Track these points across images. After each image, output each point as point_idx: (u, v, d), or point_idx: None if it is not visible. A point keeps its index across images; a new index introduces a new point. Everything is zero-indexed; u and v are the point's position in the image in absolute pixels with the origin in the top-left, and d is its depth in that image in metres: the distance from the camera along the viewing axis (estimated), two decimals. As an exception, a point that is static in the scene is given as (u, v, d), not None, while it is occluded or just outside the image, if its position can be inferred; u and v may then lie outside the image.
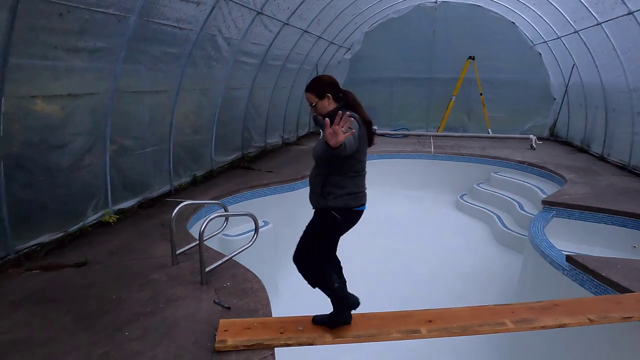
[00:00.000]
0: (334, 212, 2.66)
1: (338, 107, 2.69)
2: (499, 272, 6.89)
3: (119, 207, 5.31)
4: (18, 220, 4.00)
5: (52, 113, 4.27)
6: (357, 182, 2.70)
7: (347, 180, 2.65)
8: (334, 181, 2.64)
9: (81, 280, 3.76)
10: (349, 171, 2.64)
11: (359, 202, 2.72)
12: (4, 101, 3.60)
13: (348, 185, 2.65)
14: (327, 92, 2.69)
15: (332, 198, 2.65)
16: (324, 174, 2.68)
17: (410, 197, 9.86)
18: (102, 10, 4.13)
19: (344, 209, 2.67)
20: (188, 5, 5.27)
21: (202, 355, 2.72)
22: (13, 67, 3.59)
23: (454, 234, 8.28)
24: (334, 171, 2.64)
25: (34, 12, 3.52)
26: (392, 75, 13.36)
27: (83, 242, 4.59)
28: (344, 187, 2.64)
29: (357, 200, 2.71)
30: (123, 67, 4.80)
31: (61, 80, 4.22)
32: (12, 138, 3.84)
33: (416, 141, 11.99)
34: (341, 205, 2.66)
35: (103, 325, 3.05)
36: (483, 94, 12.38)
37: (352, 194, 2.67)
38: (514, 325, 2.92)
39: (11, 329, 3.03)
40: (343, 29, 11.19)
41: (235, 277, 3.81)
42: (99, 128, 4.82)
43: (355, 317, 3.13)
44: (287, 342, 2.81)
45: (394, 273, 6.74)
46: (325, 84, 2.71)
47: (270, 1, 6.89)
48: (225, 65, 6.99)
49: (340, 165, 2.61)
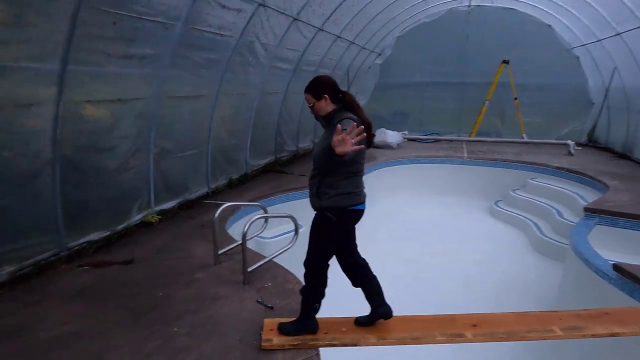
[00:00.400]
0: (328, 212, 2.68)
1: (337, 108, 2.71)
2: (536, 280, 6.72)
3: (161, 208, 5.49)
4: (70, 219, 4.19)
5: (102, 117, 4.47)
6: (353, 182, 2.70)
7: (343, 181, 2.66)
8: (329, 182, 2.66)
9: (129, 277, 3.92)
10: (346, 172, 2.65)
11: (354, 201, 2.71)
12: (61, 106, 3.80)
13: (343, 185, 2.65)
14: (324, 93, 2.69)
15: (325, 198, 2.67)
16: (321, 175, 2.71)
17: (443, 203, 9.74)
18: (151, 18, 4.31)
19: (338, 208, 2.67)
20: (229, 13, 5.42)
21: (249, 352, 2.79)
22: (69, 74, 3.78)
23: (489, 240, 8.13)
24: (330, 172, 2.66)
25: (91, 21, 3.71)
26: (423, 79, 13.26)
27: (128, 240, 4.77)
28: (338, 187, 2.65)
29: (351, 200, 2.69)
30: (168, 72, 4.98)
31: (111, 86, 4.41)
32: (66, 141, 4.03)
33: (448, 146, 11.85)
34: (333, 204, 2.66)
35: (152, 321, 3.17)
36: (518, 99, 12.12)
37: (345, 194, 2.66)
38: (563, 333, 2.86)
39: (67, 321, 3.18)
40: (375, 34, 11.22)
41: (275, 277, 3.88)
42: (144, 132, 5.01)
43: (396, 320, 3.14)
44: (332, 343, 2.85)
45: (428, 278, 6.67)
46: (321, 85, 2.72)
47: (306, 7, 7.00)
48: (261, 70, 7.13)
49: (337, 167, 2.62)
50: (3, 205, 3.55)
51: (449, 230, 8.58)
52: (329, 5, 7.63)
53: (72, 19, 3.53)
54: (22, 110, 3.55)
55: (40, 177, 3.83)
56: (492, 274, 6.91)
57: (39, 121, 3.71)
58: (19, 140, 3.59)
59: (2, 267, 3.63)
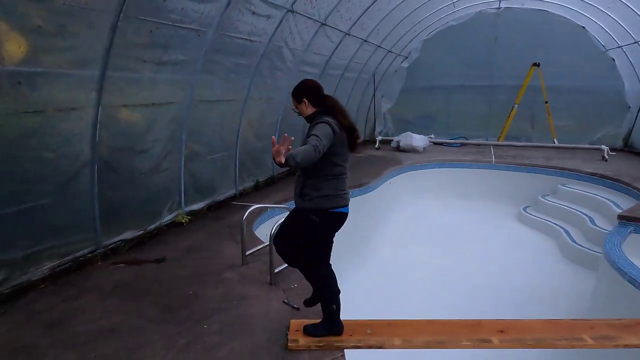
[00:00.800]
0: (311, 214, 2.74)
1: (317, 111, 2.77)
2: (566, 288, 6.53)
3: (190, 209, 5.65)
4: (106, 218, 4.38)
5: (137, 121, 4.66)
6: (334, 184, 2.74)
7: (324, 183, 2.71)
8: (311, 183, 2.72)
9: (161, 275, 4.06)
10: (326, 174, 2.70)
11: (335, 203, 2.75)
12: (100, 110, 3.99)
13: (324, 187, 2.71)
14: (304, 97, 2.77)
15: (308, 199, 2.73)
16: (304, 176, 2.77)
17: (469, 208, 9.59)
18: (185, 26, 4.48)
19: (319, 210, 2.73)
20: (259, 19, 5.55)
21: (276, 351, 2.85)
22: (108, 79, 3.97)
23: (517, 247, 7.96)
24: (312, 174, 2.72)
25: (129, 30, 3.90)
26: (450, 83, 13.10)
27: (160, 240, 4.94)
28: (320, 189, 2.70)
29: (332, 202, 2.73)
30: (199, 77, 5.14)
31: (146, 91, 4.60)
32: (104, 143, 4.23)
33: (475, 150, 11.67)
34: (315, 206, 2.72)
35: (184, 318, 3.29)
36: (548, 102, 11.83)
37: (326, 196, 2.71)
38: (594, 342, 2.80)
39: (103, 316, 3.34)
40: (402, 37, 11.20)
41: (301, 279, 3.90)
42: (176, 135, 5.18)
43: (422, 323, 3.15)
44: (357, 345, 2.88)
45: (454, 283, 6.60)
46: (302, 89, 2.80)
47: (334, 12, 7.08)
48: (288, 75, 7.25)
49: (318, 169, 2.66)
50: (46, 204, 3.75)
51: (476, 235, 8.45)
52: (355, 10, 7.68)
53: (112, 28, 3.72)
54: (65, 114, 3.75)
55: (80, 177, 4.04)
56: (520, 281, 6.77)
57: (79, 124, 3.90)
58: (61, 142, 3.79)
59: (44, 262, 3.84)
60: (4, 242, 3.49)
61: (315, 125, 2.63)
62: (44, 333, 3.09)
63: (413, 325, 3.10)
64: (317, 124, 2.62)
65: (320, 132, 2.55)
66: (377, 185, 8.33)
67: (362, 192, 7.68)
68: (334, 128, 2.62)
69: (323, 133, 2.56)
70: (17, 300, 3.52)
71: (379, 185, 8.40)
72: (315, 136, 2.52)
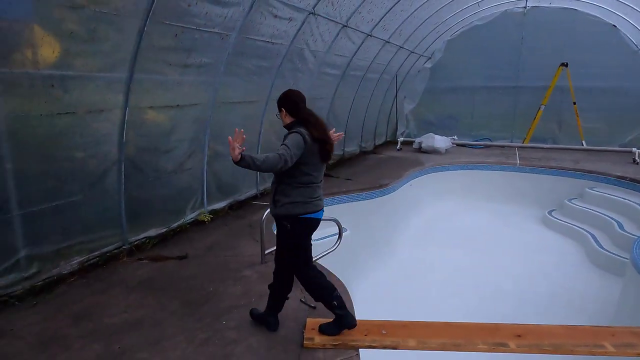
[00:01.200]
0: (282, 220, 2.88)
1: (294, 121, 2.90)
2: (592, 294, 6.36)
3: (212, 208, 5.79)
4: (132, 216, 4.54)
5: (162, 122, 4.81)
6: (304, 192, 2.85)
7: (294, 190, 2.83)
8: (281, 189, 2.85)
9: (183, 271, 4.19)
10: (296, 182, 2.82)
11: (304, 210, 2.85)
12: (127, 111, 4.15)
13: (293, 194, 2.82)
14: (282, 107, 2.93)
15: (279, 206, 2.86)
16: (277, 183, 2.91)
17: (493, 211, 9.44)
18: (209, 29, 4.60)
19: (288, 216, 2.85)
20: (281, 22, 5.64)
21: (292, 349, 2.91)
22: (135, 82, 4.13)
23: (541, 251, 7.79)
24: (283, 181, 2.85)
25: (156, 34, 4.04)
26: (474, 83, 12.92)
27: (182, 237, 5.08)
28: (289, 196, 2.83)
29: (301, 208, 2.84)
30: (222, 79, 5.26)
31: (171, 93, 4.74)
32: (130, 144, 4.39)
33: (500, 152, 11.48)
34: (285, 212, 2.85)
35: (204, 313, 3.39)
36: (577, 103, 11.51)
37: (295, 203, 2.82)
38: (615, 349, 2.75)
39: (127, 309, 3.47)
40: (424, 38, 11.11)
41: (319, 278, 3.99)
42: (199, 135, 5.32)
43: (439, 325, 3.15)
44: (372, 345, 2.91)
45: (476, 286, 6.51)
46: (281, 99, 2.96)
47: (356, 14, 7.11)
48: (310, 76, 7.32)
49: (289, 176, 2.81)
50: (76, 201, 3.93)
51: (498, 238, 8.32)
52: (378, 11, 7.68)
53: (139, 33, 3.87)
54: (94, 115, 3.92)
55: (108, 176, 4.21)
56: (544, 286, 6.63)
57: (108, 125, 4.07)
58: (90, 142, 3.96)
59: (74, 257, 4.02)
60: (38, 237, 3.68)
61: (288, 134, 2.80)
62: (72, 324, 3.24)
63: (429, 327, 3.11)
64: (290, 134, 2.79)
65: (291, 141, 2.71)
66: (398, 186, 8.30)
67: (382, 194, 7.68)
68: (305, 138, 2.76)
69: (293, 142, 2.71)
70: (49, 292, 3.70)
71: (399, 186, 8.37)
72: (284, 145, 2.69)
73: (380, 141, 12.71)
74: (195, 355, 2.86)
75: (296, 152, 2.69)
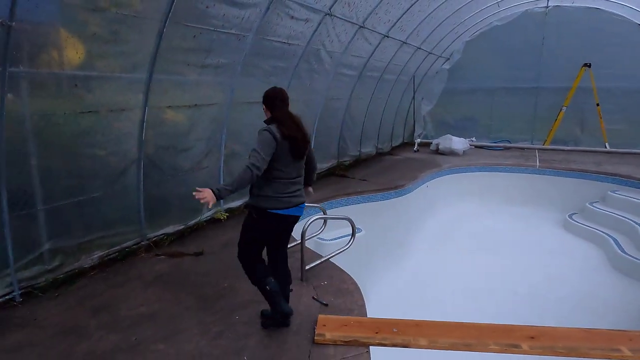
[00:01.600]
0: (251, 210, 3.03)
1: (270, 118, 3.01)
2: (613, 300, 6.21)
3: (229, 207, 5.88)
4: (150, 212, 4.66)
5: (180, 121, 4.92)
6: (274, 187, 2.94)
7: (265, 185, 2.93)
8: (257, 182, 2.93)
9: (199, 267, 4.27)
10: (268, 177, 2.91)
11: (271, 205, 2.93)
12: (147, 111, 4.27)
13: (264, 188, 2.94)
14: (263, 103, 3.09)
15: (252, 197, 3.01)
16: None
17: (512, 214, 9.29)
18: (226, 31, 4.69)
19: (257, 208, 2.97)
20: (297, 23, 5.70)
21: (303, 344, 2.95)
22: (154, 82, 4.24)
23: (562, 255, 7.64)
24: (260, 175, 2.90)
25: (175, 35, 4.14)
26: (493, 85, 12.73)
27: (199, 234, 5.18)
28: (261, 189, 2.94)
29: (269, 203, 2.93)
30: (239, 80, 5.35)
31: (189, 93, 4.85)
32: (149, 142, 4.51)
33: (519, 154, 11.29)
34: (255, 204, 2.98)
35: (218, 308, 3.46)
36: (600, 104, 11.24)
37: (265, 196, 2.93)
38: (632, 354, 2.69)
39: (144, 303, 3.57)
40: (443, 39, 11.03)
41: (332, 277, 4.03)
42: (216, 135, 5.42)
43: (451, 326, 3.14)
44: (382, 342, 2.92)
45: (494, 290, 6.43)
46: (263, 96, 3.09)
47: (372, 15, 7.11)
48: (326, 77, 7.35)
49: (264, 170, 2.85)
50: (97, 197, 4.06)
51: (517, 242, 8.18)
52: (395, 12, 7.67)
53: (159, 34, 3.97)
54: (116, 114, 4.04)
55: (127, 174, 4.33)
56: (564, 291, 6.51)
57: (128, 124, 4.19)
58: (112, 141, 4.09)
59: (94, 251, 4.15)
60: (61, 231, 3.82)
61: (260, 132, 2.89)
62: (91, 315, 3.35)
63: (440, 327, 3.10)
64: (261, 131, 2.88)
65: (260, 142, 2.82)
66: (414, 188, 8.27)
67: (397, 195, 7.66)
68: (275, 136, 2.84)
69: (262, 141, 2.82)
70: (70, 285, 3.83)
71: (415, 188, 8.33)
72: (254, 150, 2.78)
73: (397, 142, 12.65)
74: (209, 347, 2.93)
75: (267, 150, 2.80)
